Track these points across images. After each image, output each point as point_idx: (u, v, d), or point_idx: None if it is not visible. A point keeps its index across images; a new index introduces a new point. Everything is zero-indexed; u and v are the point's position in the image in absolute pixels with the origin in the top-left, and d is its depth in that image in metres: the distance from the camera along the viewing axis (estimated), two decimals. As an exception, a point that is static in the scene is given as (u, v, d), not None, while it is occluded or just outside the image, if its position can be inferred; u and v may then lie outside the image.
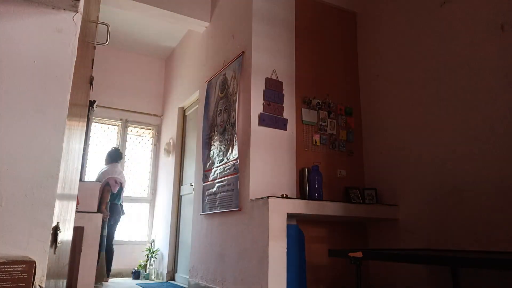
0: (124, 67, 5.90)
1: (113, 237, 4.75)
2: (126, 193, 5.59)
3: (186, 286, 4.00)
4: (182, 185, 5.05)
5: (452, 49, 2.92)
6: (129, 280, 4.99)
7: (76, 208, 2.38)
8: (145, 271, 5.20)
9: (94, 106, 3.95)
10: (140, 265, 5.21)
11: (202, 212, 3.66)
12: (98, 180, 4.64)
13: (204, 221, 3.67)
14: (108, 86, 5.66)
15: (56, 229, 0.91)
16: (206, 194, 3.63)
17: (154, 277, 5.11)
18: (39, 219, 0.86)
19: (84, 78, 1.47)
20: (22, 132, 0.88)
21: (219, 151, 3.47)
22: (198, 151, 4.02)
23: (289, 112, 3.26)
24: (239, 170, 3.11)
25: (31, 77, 0.92)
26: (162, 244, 5.11)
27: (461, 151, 2.76)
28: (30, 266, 0.76)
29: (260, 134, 3.08)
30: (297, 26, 3.50)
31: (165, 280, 4.80)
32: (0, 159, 0.85)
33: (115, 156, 4.92)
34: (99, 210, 3.89)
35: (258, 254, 2.66)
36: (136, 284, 4.63)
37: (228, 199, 3.19)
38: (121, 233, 5.44)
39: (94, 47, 1.95)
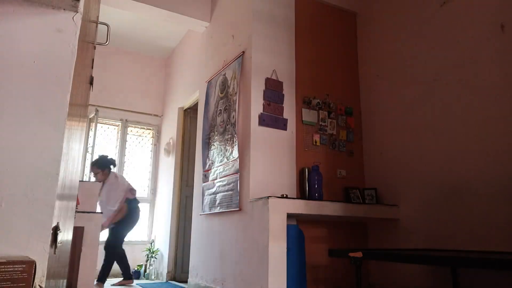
0: (124, 67, 5.90)
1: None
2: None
3: (186, 286, 4.00)
4: (182, 185, 5.05)
5: (452, 49, 2.92)
6: (129, 280, 4.98)
7: (76, 208, 2.38)
8: (145, 271, 5.20)
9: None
10: (140, 265, 5.21)
11: (202, 212, 3.65)
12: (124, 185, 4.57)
13: (204, 221, 3.67)
14: (108, 86, 5.66)
15: (56, 229, 0.91)
16: (206, 194, 3.63)
17: (154, 277, 5.11)
18: (39, 219, 0.86)
19: (84, 78, 1.47)
20: (22, 132, 0.88)
21: (219, 151, 3.47)
22: (198, 151, 4.02)
23: (289, 112, 3.26)
24: (239, 170, 3.10)
25: (31, 77, 0.92)
26: (162, 244, 5.11)
27: (461, 151, 2.76)
28: (30, 266, 0.76)
29: (260, 134, 3.08)
30: (297, 26, 3.50)
31: (165, 280, 4.80)
32: (0, 159, 0.85)
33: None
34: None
35: (258, 254, 2.66)
36: (136, 284, 4.62)
37: (228, 199, 3.19)
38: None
39: (94, 47, 1.95)
